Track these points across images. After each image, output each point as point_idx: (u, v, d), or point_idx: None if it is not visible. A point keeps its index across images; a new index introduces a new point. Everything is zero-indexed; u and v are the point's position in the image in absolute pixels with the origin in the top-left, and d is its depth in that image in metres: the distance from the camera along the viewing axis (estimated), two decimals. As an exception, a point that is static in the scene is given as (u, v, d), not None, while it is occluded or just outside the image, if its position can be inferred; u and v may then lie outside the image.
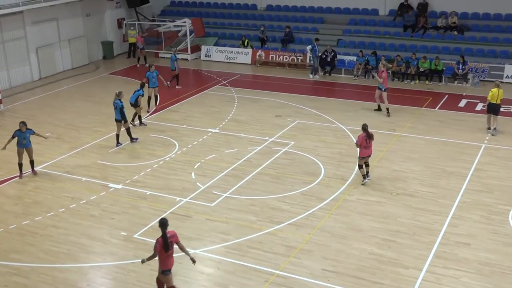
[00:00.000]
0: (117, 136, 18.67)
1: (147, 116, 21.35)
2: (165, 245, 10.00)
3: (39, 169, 17.01)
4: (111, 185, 15.94)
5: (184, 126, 20.46)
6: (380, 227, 13.39)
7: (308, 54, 27.26)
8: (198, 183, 15.87)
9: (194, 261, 10.31)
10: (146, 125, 20.37)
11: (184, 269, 11.77)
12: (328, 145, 18.39)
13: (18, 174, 16.46)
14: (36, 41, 27.26)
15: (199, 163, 17.22)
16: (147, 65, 28.86)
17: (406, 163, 16.94)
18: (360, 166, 15.53)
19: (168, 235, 10.08)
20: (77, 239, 13.19)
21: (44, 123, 21.20)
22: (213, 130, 19.93)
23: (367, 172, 15.61)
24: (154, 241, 12.76)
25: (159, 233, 13.12)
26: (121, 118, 18.21)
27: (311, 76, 26.69)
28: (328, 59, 26.82)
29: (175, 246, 10.22)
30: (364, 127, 15.27)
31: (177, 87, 25.16)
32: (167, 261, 10.18)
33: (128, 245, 12.86)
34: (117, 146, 18.54)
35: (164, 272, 10.21)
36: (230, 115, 21.59)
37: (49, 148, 18.68)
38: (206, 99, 23.73)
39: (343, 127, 19.97)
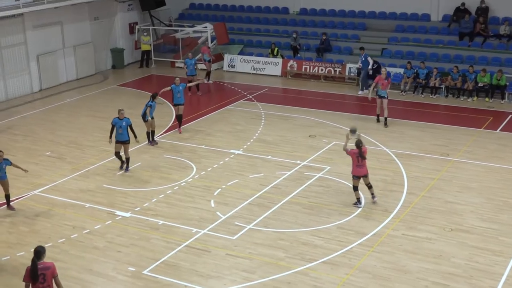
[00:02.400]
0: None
1: (160, 134, 21.57)
2: (33, 275, 10.35)
3: (37, 193, 17.29)
4: (118, 212, 16.10)
5: (203, 146, 20.63)
6: (430, 268, 13.24)
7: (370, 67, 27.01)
8: (218, 213, 15.94)
9: None
10: (152, 144, 20.53)
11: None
12: (370, 170, 18.13)
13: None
14: (37, 47, 27.90)
15: (220, 189, 17.31)
16: (211, 81, 28.65)
17: (461, 194, 16.77)
18: (355, 188, 15.93)
19: (40, 265, 10.40)
20: (78, 274, 13.31)
21: (44, 140, 21.60)
22: (236, 152, 20.05)
23: (373, 194, 16.13)
24: (167, 278, 12.94)
25: (172, 269, 13.29)
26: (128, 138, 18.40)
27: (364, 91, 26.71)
28: (370, 72, 26.83)
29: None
30: (358, 144, 15.65)
31: (198, 93, 26.45)
32: None
33: (136, 283, 12.95)
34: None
35: None
36: (256, 134, 21.72)
37: (49, 169, 19.00)
38: (228, 116, 23.91)
39: (387, 150, 19.90)
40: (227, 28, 31.95)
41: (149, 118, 20.07)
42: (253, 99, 26.11)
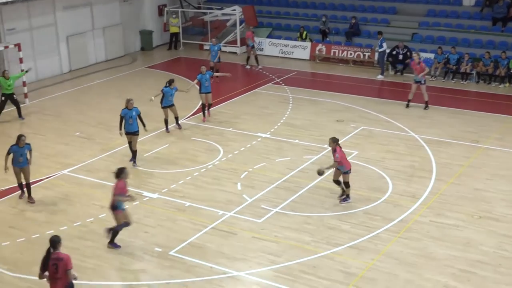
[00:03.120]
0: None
1: (188, 117, 21.65)
2: (44, 264, 10.39)
3: (66, 173, 17.51)
4: (145, 193, 16.24)
5: (231, 129, 20.67)
6: (458, 255, 13.15)
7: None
8: (244, 195, 15.99)
9: None
10: (168, 131, 20.35)
11: (226, 293, 11.88)
12: (398, 156, 18.20)
13: (20, 193, 16.14)
14: (67, 29, 28.11)
15: (246, 173, 17.35)
16: (259, 68, 28.12)
17: (491, 181, 16.58)
18: (337, 182, 15.46)
19: (53, 256, 10.33)
20: (106, 253, 13.49)
21: (74, 121, 21.83)
22: (264, 135, 20.05)
23: (346, 195, 15.56)
24: (193, 259, 13.05)
25: (198, 250, 13.40)
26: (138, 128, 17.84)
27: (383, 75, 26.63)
28: (400, 56, 26.56)
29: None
30: (335, 140, 15.22)
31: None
32: (51, 285, 10.43)
33: (163, 263, 13.08)
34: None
35: None
36: (284, 118, 21.68)
37: (78, 150, 19.21)
38: (256, 99, 23.90)
39: (416, 136, 19.72)
40: (255, 11, 31.84)
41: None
42: (281, 82, 26.05)
